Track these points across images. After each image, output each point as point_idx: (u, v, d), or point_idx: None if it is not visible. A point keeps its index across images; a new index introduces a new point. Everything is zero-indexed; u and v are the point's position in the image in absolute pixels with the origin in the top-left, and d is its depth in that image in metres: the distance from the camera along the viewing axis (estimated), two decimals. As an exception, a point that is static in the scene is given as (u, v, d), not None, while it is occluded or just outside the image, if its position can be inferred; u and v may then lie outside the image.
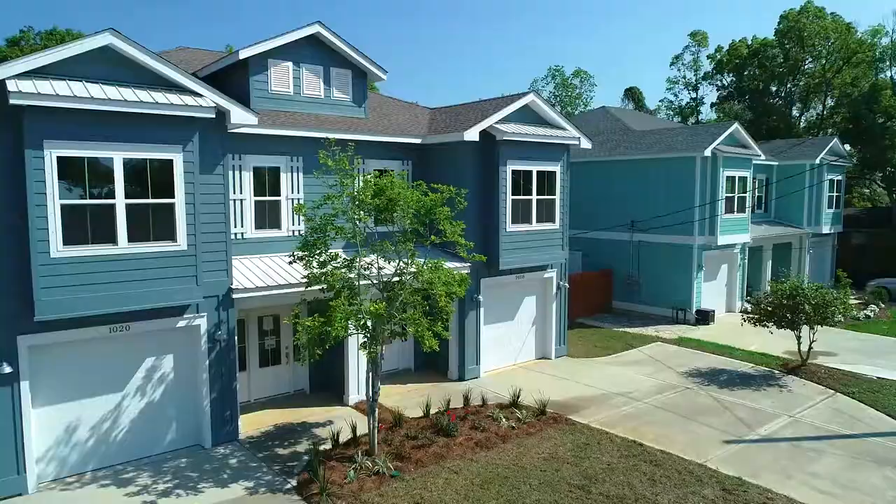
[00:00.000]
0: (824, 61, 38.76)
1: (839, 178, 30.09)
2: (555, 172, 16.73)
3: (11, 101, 8.90)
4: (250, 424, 12.69)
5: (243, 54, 13.62)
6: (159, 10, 79.23)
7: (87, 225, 9.77)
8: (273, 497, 9.87)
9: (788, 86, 41.08)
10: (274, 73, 14.28)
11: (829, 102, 40.21)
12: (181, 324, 11.22)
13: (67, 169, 9.54)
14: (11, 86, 8.95)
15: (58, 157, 9.42)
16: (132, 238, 10.15)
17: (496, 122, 15.31)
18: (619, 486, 10.09)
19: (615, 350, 18.90)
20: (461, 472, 10.56)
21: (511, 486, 10.06)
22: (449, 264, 12.43)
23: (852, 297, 25.30)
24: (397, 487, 10.02)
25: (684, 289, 22.88)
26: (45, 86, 9.25)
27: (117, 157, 9.92)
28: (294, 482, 10.31)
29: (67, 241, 9.59)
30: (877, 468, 11.01)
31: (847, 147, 35.48)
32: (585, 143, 17.37)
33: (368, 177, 11.55)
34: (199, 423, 11.72)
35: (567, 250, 17.58)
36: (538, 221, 16.47)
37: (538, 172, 16.32)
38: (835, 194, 29.77)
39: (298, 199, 13.93)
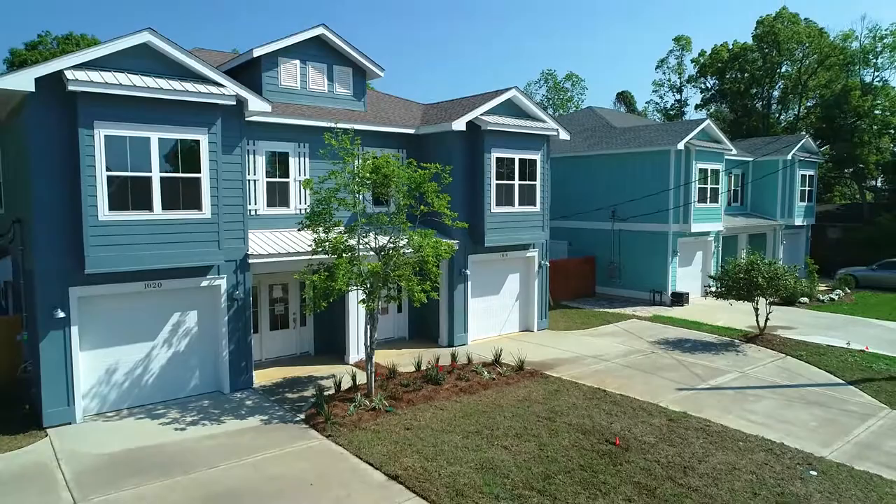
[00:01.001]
0: (799, 64, 40.75)
1: (811, 173, 31.89)
2: (535, 160, 18.51)
3: (69, 88, 10.68)
4: (262, 377, 14.39)
5: (257, 52, 15.42)
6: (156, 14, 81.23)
7: (128, 194, 11.52)
8: (285, 426, 11.58)
9: (767, 88, 43.05)
10: (283, 70, 16.08)
11: (808, 103, 42.18)
12: (204, 283, 12.95)
13: (113, 146, 11.30)
14: (69, 74, 10.73)
15: (105, 136, 11.19)
16: (165, 206, 11.91)
17: (481, 114, 17.11)
18: (580, 417, 11.82)
19: (593, 325, 20.64)
20: (446, 409, 12.28)
21: (488, 417, 11.78)
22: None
23: (822, 284, 27.16)
24: (391, 419, 11.73)
25: (660, 273, 24.64)
26: (95, 75, 11.03)
27: (153, 136, 11.69)
28: (302, 416, 12.02)
29: (112, 206, 11.34)
30: (806, 408, 12.73)
31: (824, 146, 37.32)
32: (564, 135, 19.16)
33: (367, 156, 13.32)
34: (218, 371, 13.44)
35: (547, 231, 19.33)
36: (520, 204, 18.22)
37: (520, 160, 18.09)
38: (807, 188, 31.57)
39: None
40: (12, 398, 12.51)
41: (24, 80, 10.47)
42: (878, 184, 40.70)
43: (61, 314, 11.24)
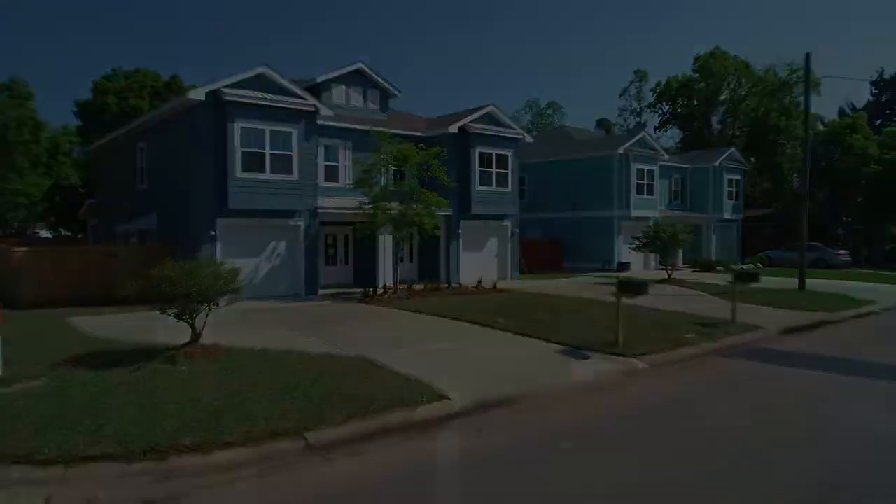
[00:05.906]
0: (733, 93, 49.12)
1: (738, 177, 39.63)
2: (508, 155, 26.14)
3: (225, 98, 18.34)
4: (322, 292, 21.71)
5: (319, 79, 23.22)
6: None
7: (252, 162, 19.07)
8: (345, 303, 18.90)
9: (709, 112, 51.35)
10: (335, 91, 23.84)
11: (740, 124, 50.59)
12: (291, 223, 20.41)
13: (244, 133, 18.89)
14: (226, 90, 18.41)
15: (241, 127, 18.80)
16: (272, 171, 19.44)
17: (468, 122, 24.81)
18: (525, 297, 19.20)
19: (553, 278, 28.02)
20: (443, 299, 19.62)
21: (470, 299, 19.16)
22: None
23: (741, 262, 34.43)
24: (410, 301, 19.07)
25: (609, 249, 32.11)
26: (238, 92, 18.70)
27: (267, 128, 19.30)
28: (355, 300, 19.36)
29: (243, 169, 18.88)
30: (672, 298, 20.03)
31: (752, 158, 45.29)
32: (528, 139, 26.88)
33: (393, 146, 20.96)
34: (297, 282, 20.78)
35: (517, 206, 26.86)
36: (497, 186, 25.79)
37: (496, 154, 25.72)
38: (734, 189, 39.24)
39: (348, 166, 23.28)
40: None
41: (201, 93, 18.17)
42: (794, 187, 48.48)
43: (213, 233, 18.70)
